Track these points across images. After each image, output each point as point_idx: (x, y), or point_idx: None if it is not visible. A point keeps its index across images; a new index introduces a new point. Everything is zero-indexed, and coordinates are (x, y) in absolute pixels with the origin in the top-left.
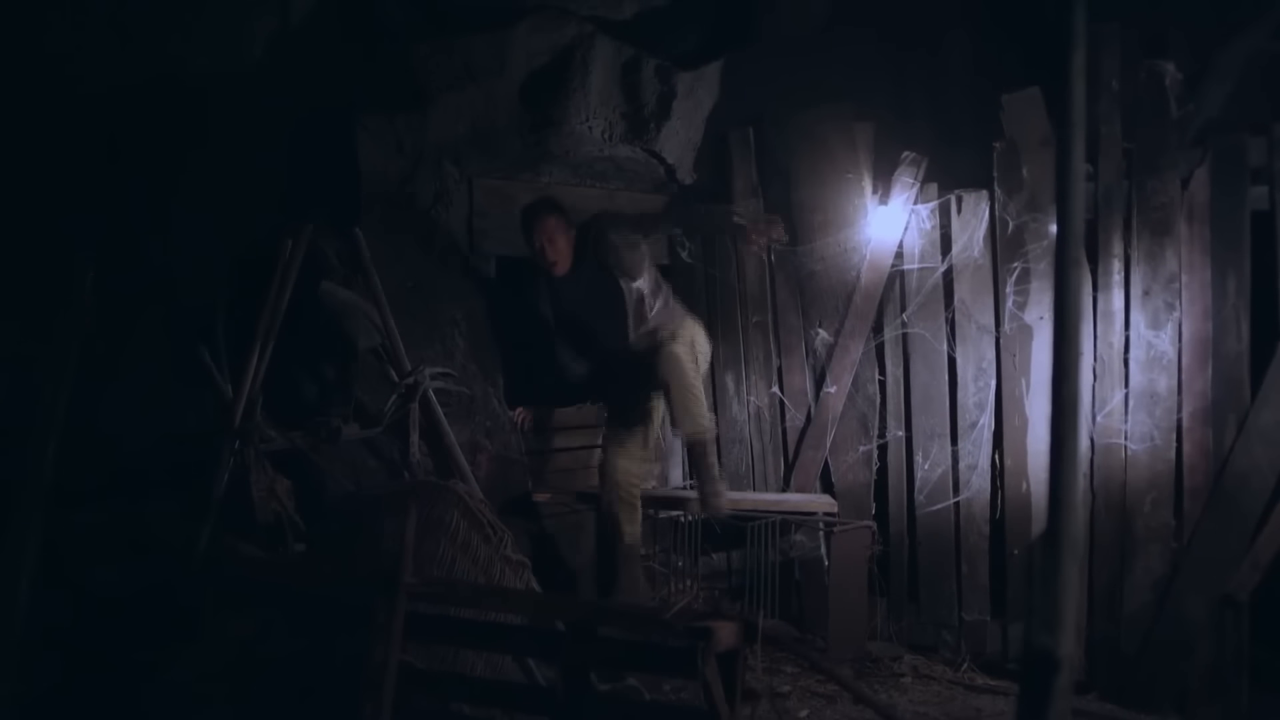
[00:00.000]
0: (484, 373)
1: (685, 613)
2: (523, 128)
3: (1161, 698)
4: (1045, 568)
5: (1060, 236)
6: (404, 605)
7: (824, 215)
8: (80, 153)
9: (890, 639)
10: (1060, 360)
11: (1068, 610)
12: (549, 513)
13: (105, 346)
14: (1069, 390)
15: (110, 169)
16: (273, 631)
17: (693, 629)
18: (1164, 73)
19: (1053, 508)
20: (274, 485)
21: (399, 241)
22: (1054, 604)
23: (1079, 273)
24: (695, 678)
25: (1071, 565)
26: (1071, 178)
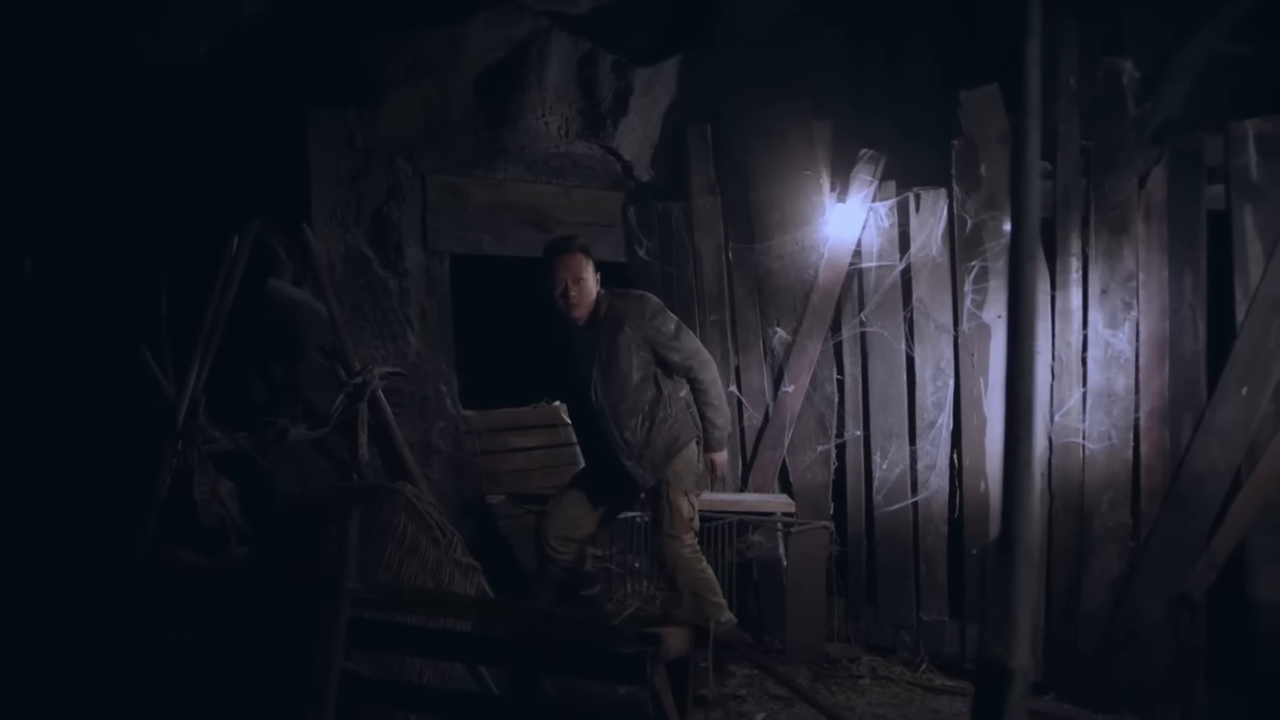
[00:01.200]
0: (438, 372)
1: (634, 618)
2: (477, 124)
3: (1119, 698)
4: (998, 576)
5: (1015, 231)
6: (346, 611)
7: (782, 213)
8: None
9: (849, 640)
10: (1015, 359)
11: (1022, 620)
12: (504, 514)
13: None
14: (1024, 391)
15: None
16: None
17: (641, 635)
18: (1122, 71)
19: (1007, 513)
20: (216, 487)
21: (350, 238)
22: (1008, 614)
23: (1034, 269)
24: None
25: (1027, 573)
26: (1026, 170)
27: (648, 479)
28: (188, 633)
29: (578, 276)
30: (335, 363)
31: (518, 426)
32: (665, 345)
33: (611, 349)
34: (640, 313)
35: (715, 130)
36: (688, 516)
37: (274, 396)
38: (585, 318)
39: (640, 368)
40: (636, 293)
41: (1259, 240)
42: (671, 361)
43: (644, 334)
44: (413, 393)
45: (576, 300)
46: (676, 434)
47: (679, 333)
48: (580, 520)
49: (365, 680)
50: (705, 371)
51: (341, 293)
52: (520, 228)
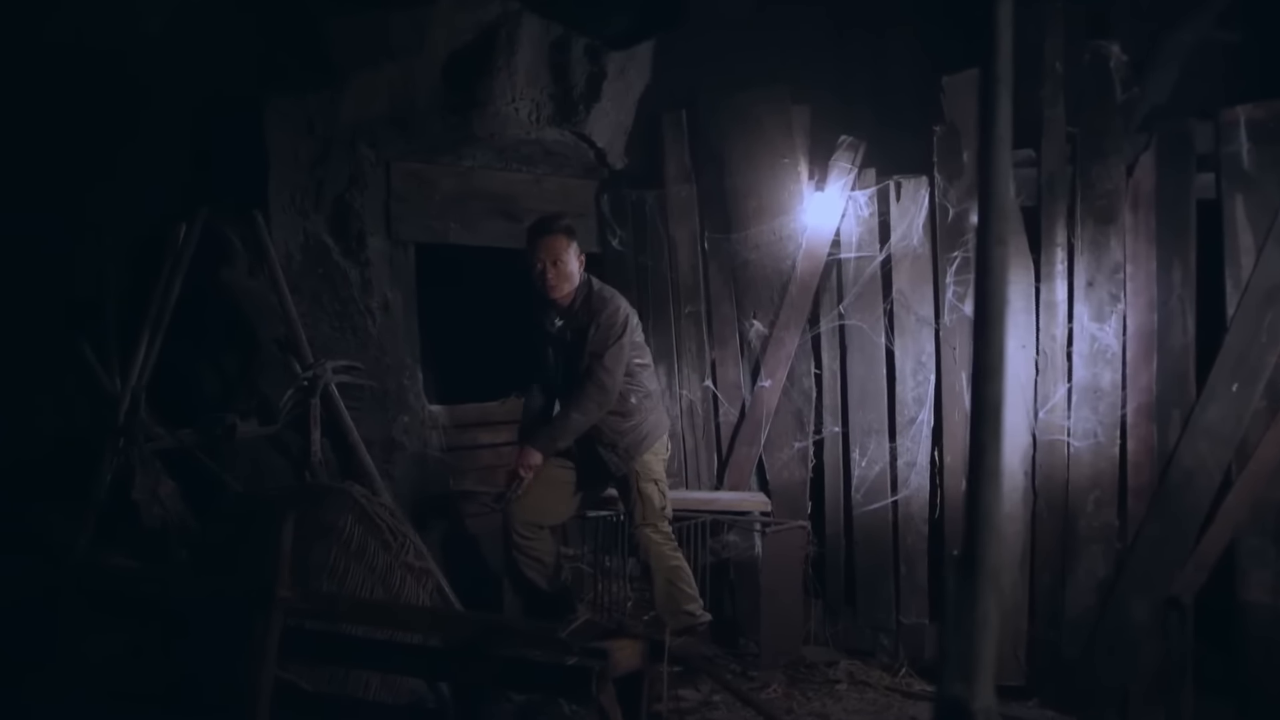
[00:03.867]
0: (400, 366)
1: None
2: (444, 109)
3: (1104, 703)
4: (960, 602)
5: (982, 213)
6: (279, 621)
7: (759, 201)
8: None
9: (826, 643)
10: (982, 356)
11: (985, 653)
12: (471, 512)
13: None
14: (991, 392)
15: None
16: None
17: (588, 650)
18: (1109, 55)
19: (971, 531)
20: (157, 487)
21: (310, 227)
22: (970, 646)
23: (1004, 255)
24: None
25: (989, 600)
26: (995, 143)
27: (621, 467)
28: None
29: (556, 258)
30: (291, 356)
31: (486, 422)
32: (591, 350)
33: (579, 342)
34: (599, 316)
35: (691, 116)
36: (659, 505)
37: (228, 391)
38: (564, 301)
39: None
40: (610, 294)
41: (1250, 230)
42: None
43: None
44: (373, 387)
45: (554, 282)
46: (648, 429)
47: (609, 352)
48: (550, 508)
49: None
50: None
51: (300, 283)
52: (489, 217)
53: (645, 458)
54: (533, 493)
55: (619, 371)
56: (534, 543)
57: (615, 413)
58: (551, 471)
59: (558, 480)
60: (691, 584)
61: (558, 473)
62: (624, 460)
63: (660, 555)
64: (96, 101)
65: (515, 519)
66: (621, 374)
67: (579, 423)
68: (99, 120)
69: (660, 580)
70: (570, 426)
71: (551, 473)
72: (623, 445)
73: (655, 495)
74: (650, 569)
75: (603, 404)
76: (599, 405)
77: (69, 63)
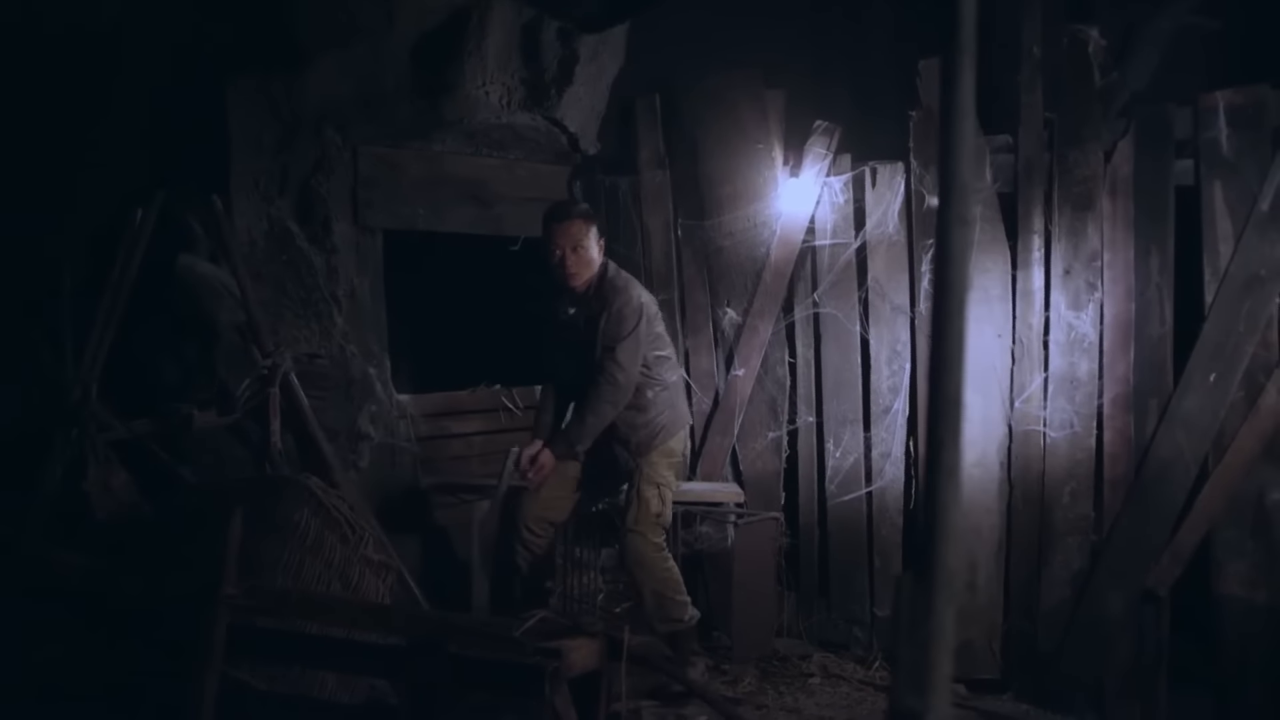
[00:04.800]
0: (366, 354)
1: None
2: (414, 92)
3: (1079, 697)
4: (913, 612)
5: (943, 191)
6: (225, 618)
7: (733, 187)
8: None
9: (799, 636)
10: (940, 346)
11: (941, 664)
12: (441, 503)
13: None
14: (950, 385)
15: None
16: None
17: (541, 649)
18: (1088, 39)
19: (926, 534)
20: (109, 479)
21: (274, 212)
22: (924, 657)
23: (965, 236)
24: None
25: (946, 607)
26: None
27: (630, 461)
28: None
29: (576, 244)
30: (252, 344)
31: (456, 411)
32: (604, 342)
33: (592, 332)
34: (611, 304)
35: (665, 101)
36: (654, 512)
37: (189, 380)
38: (584, 288)
39: None
40: (625, 281)
41: (1229, 218)
42: (599, 356)
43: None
44: (337, 376)
45: (574, 270)
46: (663, 423)
47: (622, 345)
48: (559, 502)
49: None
50: (608, 388)
51: (263, 270)
52: (459, 202)
53: (653, 457)
54: (542, 489)
55: (634, 365)
56: (540, 539)
57: (630, 406)
58: (563, 466)
59: (569, 475)
60: (681, 590)
61: (569, 467)
62: (635, 456)
63: (648, 566)
64: (53, 85)
65: (526, 514)
66: (637, 368)
67: (594, 425)
68: (56, 105)
69: (648, 592)
70: (586, 429)
71: (563, 467)
72: (635, 441)
73: (653, 500)
74: (635, 579)
75: (617, 402)
76: (613, 404)
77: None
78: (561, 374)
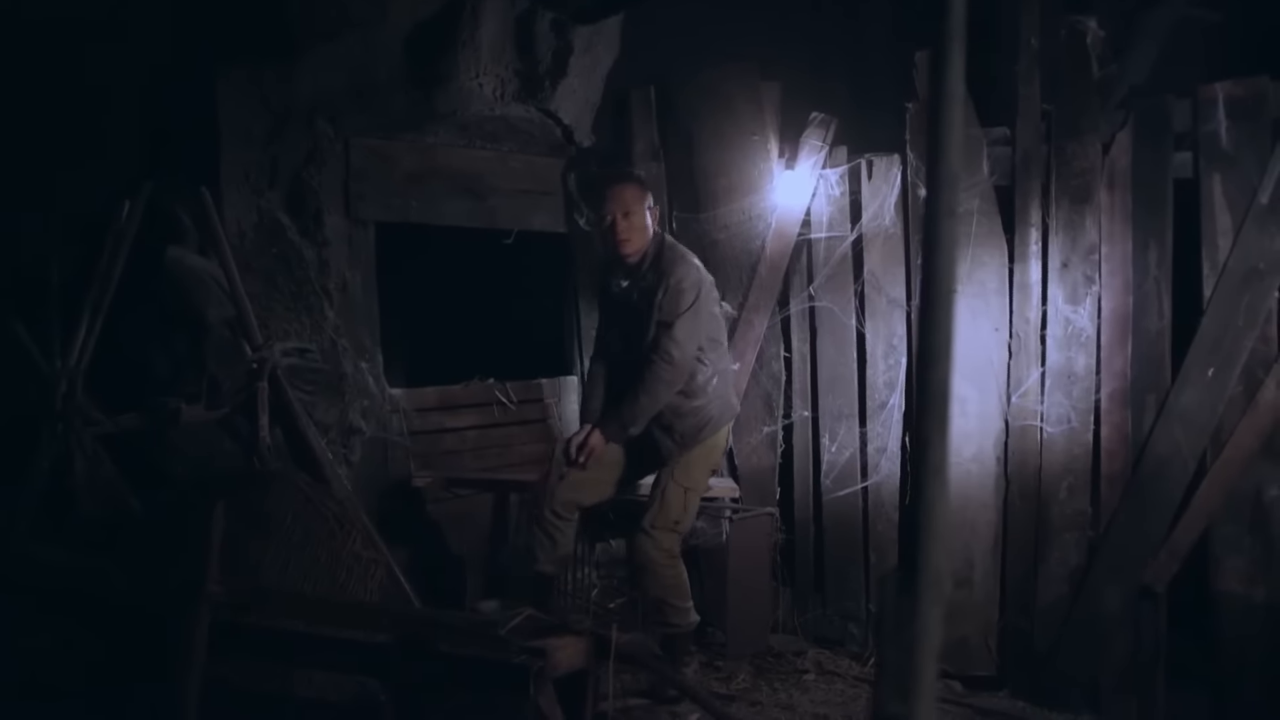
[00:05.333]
0: (358, 348)
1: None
2: (406, 84)
3: (1075, 694)
4: (898, 613)
5: (931, 181)
6: (208, 615)
7: (728, 180)
8: None
9: (794, 632)
10: (927, 339)
11: (926, 670)
12: (433, 498)
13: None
14: (937, 378)
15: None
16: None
17: (526, 648)
18: (1086, 30)
19: (909, 534)
20: (95, 474)
21: (264, 204)
22: (909, 662)
23: (952, 227)
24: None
25: (931, 610)
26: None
27: (673, 451)
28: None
29: (628, 210)
30: (242, 338)
31: (449, 405)
32: (660, 318)
33: (647, 307)
34: (669, 277)
35: (660, 93)
36: (673, 518)
37: (179, 374)
38: (636, 257)
39: None
40: (684, 253)
41: (1228, 211)
42: (654, 333)
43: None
44: (328, 370)
45: (625, 235)
46: (712, 413)
47: (679, 321)
48: (595, 484)
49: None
50: (664, 366)
51: (253, 262)
52: (452, 195)
53: (694, 454)
54: (581, 472)
55: (691, 344)
56: (563, 525)
57: (679, 391)
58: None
59: (606, 459)
60: (686, 596)
61: (608, 451)
62: (678, 446)
63: (655, 570)
64: (42, 77)
65: (555, 495)
66: (695, 346)
67: (648, 406)
68: (45, 96)
69: (650, 594)
70: (640, 410)
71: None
72: (679, 429)
73: (676, 503)
74: (640, 579)
75: (673, 382)
76: (669, 385)
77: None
78: (613, 352)
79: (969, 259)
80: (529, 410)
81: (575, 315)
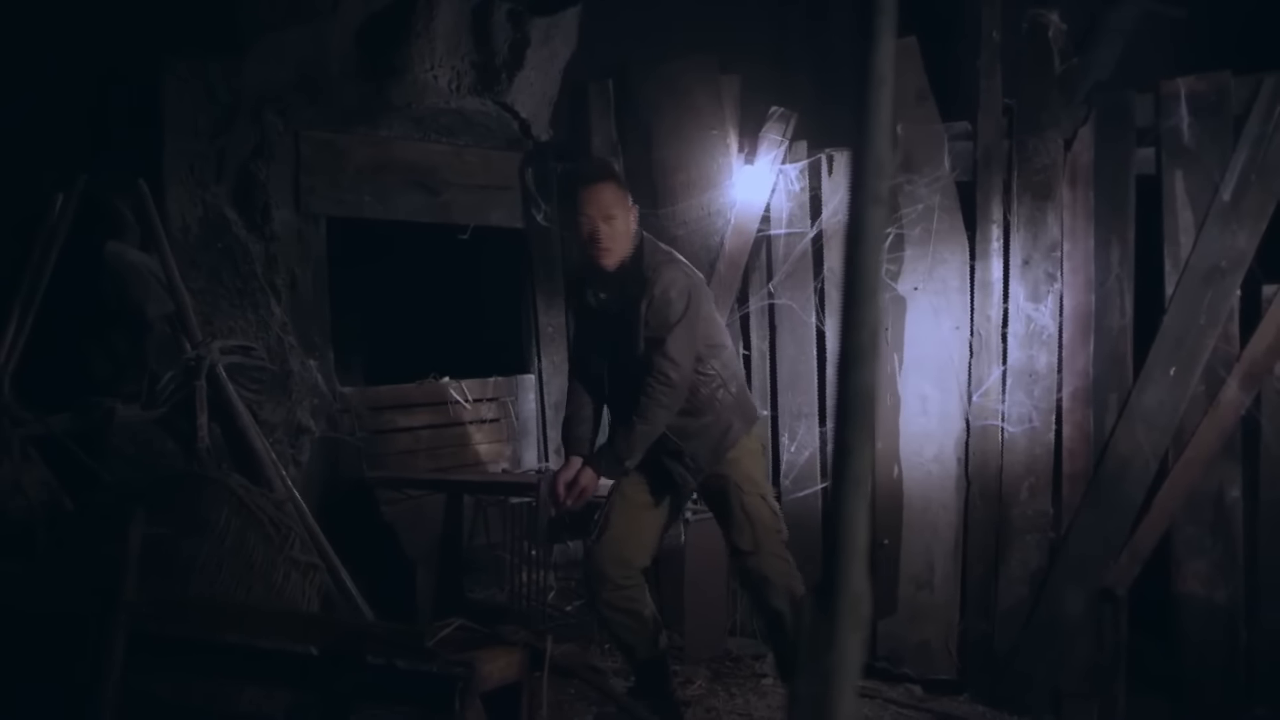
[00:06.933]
0: (307, 346)
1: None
2: (359, 75)
3: (1036, 698)
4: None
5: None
6: (125, 627)
7: (686, 175)
8: None
9: (754, 635)
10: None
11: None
12: (386, 499)
13: None
14: (860, 381)
15: None
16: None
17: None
18: (1048, 24)
19: (830, 552)
20: (21, 477)
21: (210, 198)
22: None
23: (879, 215)
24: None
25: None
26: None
27: (690, 479)
28: None
29: (609, 214)
30: (183, 335)
31: (403, 404)
32: (650, 334)
33: (634, 319)
34: (654, 285)
35: (618, 86)
36: (774, 527)
37: (119, 373)
38: (616, 267)
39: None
40: (668, 256)
41: (1190, 208)
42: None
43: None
44: (274, 369)
45: (607, 245)
46: (727, 422)
47: (673, 334)
48: (640, 538)
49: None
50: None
51: (198, 257)
52: (406, 189)
53: (742, 464)
54: (617, 523)
55: (688, 359)
56: (630, 590)
57: (680, 411)
58: (630, 492)
59: (638, 501)
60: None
61: (635, 492)
62: (693, 472)
63: (775, 582)
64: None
65: (603, 561)
66: (692, 361)
67: (646, 434)
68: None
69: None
70: (636, 439)
71: (630, 494)
72: (690, 451)
73: (765, 512)
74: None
75: (672, 405)
76: (668, 409)
77: None
78: (592, 373)
79: (930, 256)
80: (484, 409)
81: (532, 312)
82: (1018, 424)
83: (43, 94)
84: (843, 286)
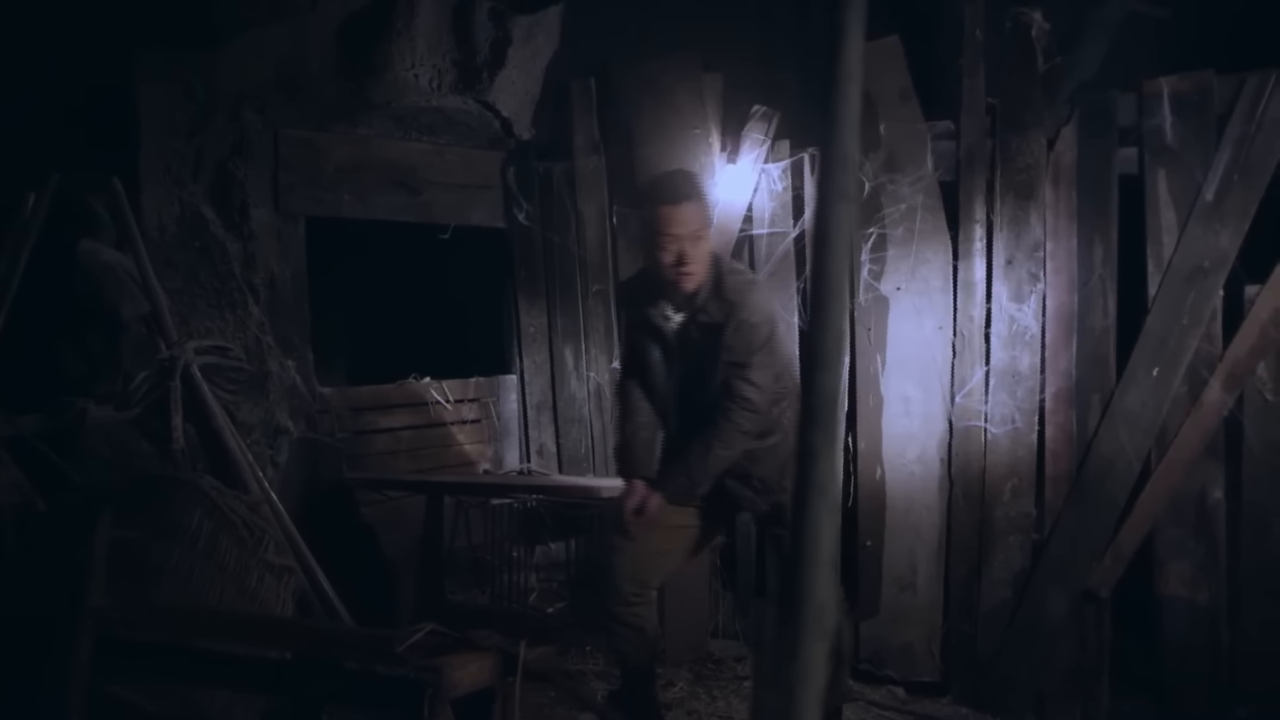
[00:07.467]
0: (286, 346)
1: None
2: (339, 73)
3: (1019, 700)
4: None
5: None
6: (91, 632)
7: None
8: None
9: (735, 637)
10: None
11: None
12: (366, 501)
13: None
14: (825, 384)
15: None
16: None
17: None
18: (1031, 22)
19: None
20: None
21: (187, 197)
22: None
23: (848, 211)
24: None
25: (814, 647)
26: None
27: (759, 503)
28: None
29: (697, 234)
30: (158, 335)
31: (383, 405)
32: (731, 359)
33: (710, 345)
34: (738, 309)
35: (601, 85)
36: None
37: (94, 373)
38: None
39: None
40: (749, 278)
41: (1173, 207)
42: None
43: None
44: (252, 369)
45: (693, 269)
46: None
47: (756, 359)
48: (661, 560)
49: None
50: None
51: (174, 257)
52: (387, 189)
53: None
54: (643, 540)
55: (770, 384)
56: (639, 607)
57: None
58: (666, 513)
59: (669, 522)
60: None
61: (668, 514)
62: (761, 495)
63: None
64: None
65: (620, 577)
66: (773, 387)
67: (722, 458)
68: None
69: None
70: (712, 464)
71: (666, 514)
72: (758, 474)
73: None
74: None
75: (753, 429)
76: (748, 433)
77: None
78: (658, 393)
79: (913, 256)
80: (466, 410)
81: (514, 312)
82: (1000, 425)
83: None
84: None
